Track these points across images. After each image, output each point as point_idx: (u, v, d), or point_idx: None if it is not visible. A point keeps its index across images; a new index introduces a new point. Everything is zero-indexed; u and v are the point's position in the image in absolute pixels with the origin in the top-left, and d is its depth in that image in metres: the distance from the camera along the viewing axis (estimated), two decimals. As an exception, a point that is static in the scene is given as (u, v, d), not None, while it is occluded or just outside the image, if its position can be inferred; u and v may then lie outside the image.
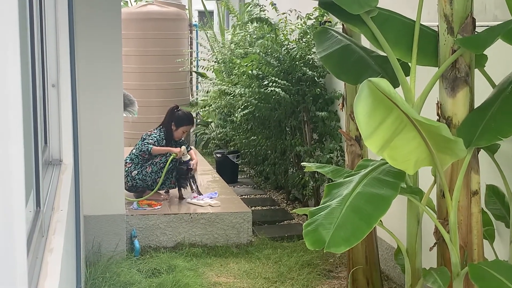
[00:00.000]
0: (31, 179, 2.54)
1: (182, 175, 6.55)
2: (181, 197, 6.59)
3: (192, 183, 6.66)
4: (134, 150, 6.61)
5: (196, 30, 11.55)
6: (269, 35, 7.34)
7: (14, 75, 1.48)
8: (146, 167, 6.49)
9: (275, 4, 7.66)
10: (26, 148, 2.22)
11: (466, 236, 3.36)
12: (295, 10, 7.35)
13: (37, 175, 2.71)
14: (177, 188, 6.62)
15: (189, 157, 6.56)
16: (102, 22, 5.51)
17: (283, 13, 7.50)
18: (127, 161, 6.48)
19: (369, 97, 2.82)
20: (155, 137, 6.53)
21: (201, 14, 17.23)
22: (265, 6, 7.88)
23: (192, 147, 8.30)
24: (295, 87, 6.89)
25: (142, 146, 6.46)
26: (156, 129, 6.68)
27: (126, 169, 6.39)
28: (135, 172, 6.48)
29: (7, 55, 1.41)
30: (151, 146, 6.41)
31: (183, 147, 6.54)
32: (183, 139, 6.80)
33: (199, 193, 6.63)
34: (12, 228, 1.40)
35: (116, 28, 5.59)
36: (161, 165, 6.46)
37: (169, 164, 6.42)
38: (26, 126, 2.38)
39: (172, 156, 6.43)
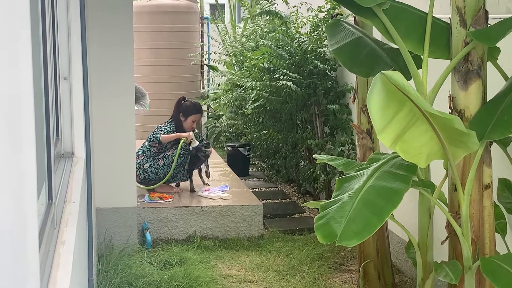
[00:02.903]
0: (43, 172, 2.55)
1: (199, 159, 6.62)
2: (192, 190, 6.60)
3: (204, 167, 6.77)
4: (146, 143, 6.64)
5: (208, 23, 11.54)
6: (280, 28, 7.33)
7: (26, 68, 1.48)
8: (158, 160, 6.51)
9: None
10: (38, 141, 2.23)
11: (478, 230, 3.35)
12: (306, 2, 7.33)
13: (49, 168, 2.72)
14: (188, 181, 6.65)
15: (197, 143, 6.59)
16: (114, 14, 5.52)
17: (294, 6, 7.48)
18: (139, 153, 6.50)
19: (382, 90, 2.81)
20: (165, 129, 6.56)
21: (213, 7, 17.21)
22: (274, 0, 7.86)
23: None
24: (306, 80, 6.87)
25: (151, 136, 6.49)
26: (167, 122, 6.70)
27: (138, 161, 6.41)
28: (147, 165, 6.50)
29: (19, 48, 1.42)
30: (159, 135, 6.45)
31: (191, 132, 6.58)
32: (196, 130, 6.81)
33: (207, 175, 6.73)
34: (24, 220, 1.41)
35: (128, 21, 5.59)
36: (173, 158, 6.48)
37: (180, 149, 6.46)
38: (38, 119, 2.39)
39: (182, 141, 6.46)
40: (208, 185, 6.80)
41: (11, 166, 1.33)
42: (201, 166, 6.79)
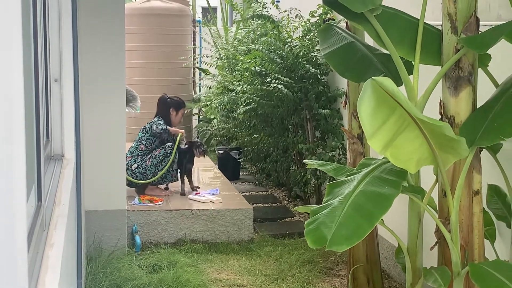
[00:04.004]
0: (32, 173, 2.53)
1: (188, 158, 6.68)
2: (182, 193, 6.60)
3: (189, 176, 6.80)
4: (134, 144, 6.64)
5: (200, 26, 11.54)
6: (272, 32, 7.34)
7: (16, 70, 1.48)
8: (146, 161, 6.50)
9: (277, 1, 7.65)
10: (28, 142, 2.22)
11: (467, 236, 3.36)
12: (295, 8, 7.35)
13: (39, 169, 2.71)
14: (179, 181, 6.65)
15: (184, 141, 6.76)
16: (106, 16, 5.51)
17: (285, 11, 7.49)
18: (127, 155, 6.49)
19: (373, 96, 2.82)
20: (160, 123, 6.59)
21: (205, 10, 17.22)
22: (266, 3, 7.87)
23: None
24: (298, 84, 6.88)
25: (158, 125, 6.51)
26: (156, 118, 6.70)
27: (126, 163, 6.39)
28: (135, 165, 6.49)
29: (10, 49, 1.41)
30: (166, 126, 6.55)
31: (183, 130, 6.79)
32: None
33: (196, 188, 6.72)
34: (13, 222, 1.40)
35: (120, 23, 5.58)
36: (160, 157, 6.49)
37: (178, 143, 6.55)
38: (28, 121, 2.38)
39: (179, 136, 6.57)
40: (199, 188, 6.79)
41: (0, 168, 1.32)
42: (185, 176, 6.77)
